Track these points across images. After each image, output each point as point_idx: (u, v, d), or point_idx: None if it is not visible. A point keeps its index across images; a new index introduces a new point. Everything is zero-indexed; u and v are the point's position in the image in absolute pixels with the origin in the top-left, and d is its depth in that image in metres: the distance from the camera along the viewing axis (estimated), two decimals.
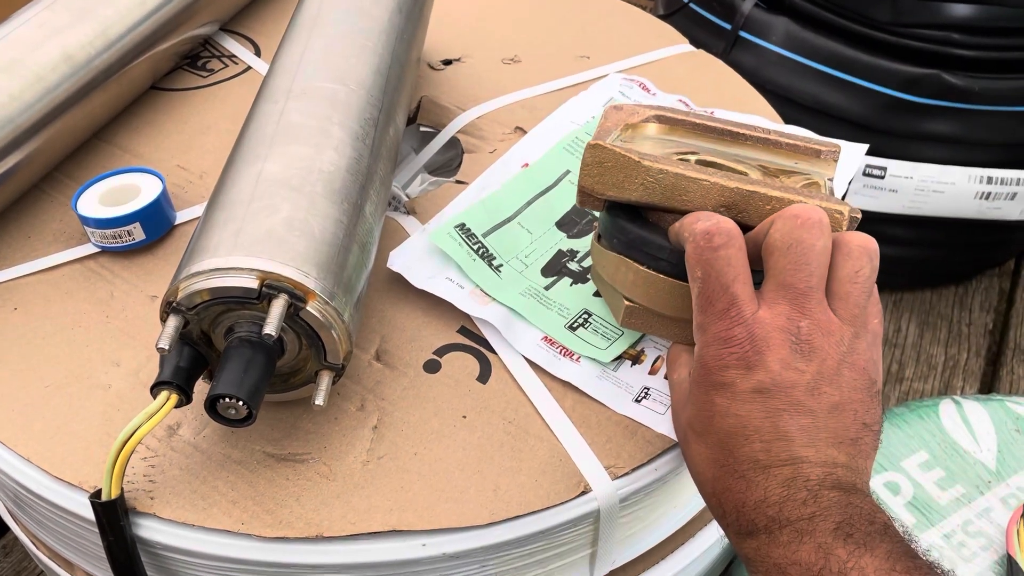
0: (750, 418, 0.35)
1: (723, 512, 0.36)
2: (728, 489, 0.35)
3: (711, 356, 0.36)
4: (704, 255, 0.36)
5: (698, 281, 0.36)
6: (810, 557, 0.31)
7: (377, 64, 0.53)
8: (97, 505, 0.39)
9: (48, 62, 0.53)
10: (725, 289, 0.35)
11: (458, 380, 0.46)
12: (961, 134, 0.90)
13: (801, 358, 0.35)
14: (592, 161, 0.41)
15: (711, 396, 0.36)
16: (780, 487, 0.33)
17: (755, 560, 0.34)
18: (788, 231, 0.35)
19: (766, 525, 0.33)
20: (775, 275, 0.36)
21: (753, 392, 0.35)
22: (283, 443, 0.43)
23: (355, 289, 0.42)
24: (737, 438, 0.35)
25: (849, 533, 0.31)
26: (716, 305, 0.35)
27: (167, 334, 0.38)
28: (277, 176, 0.43)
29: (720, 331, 0.35)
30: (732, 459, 0.35)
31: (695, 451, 0.37)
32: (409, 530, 0.40)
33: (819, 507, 0.32)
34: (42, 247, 0.53)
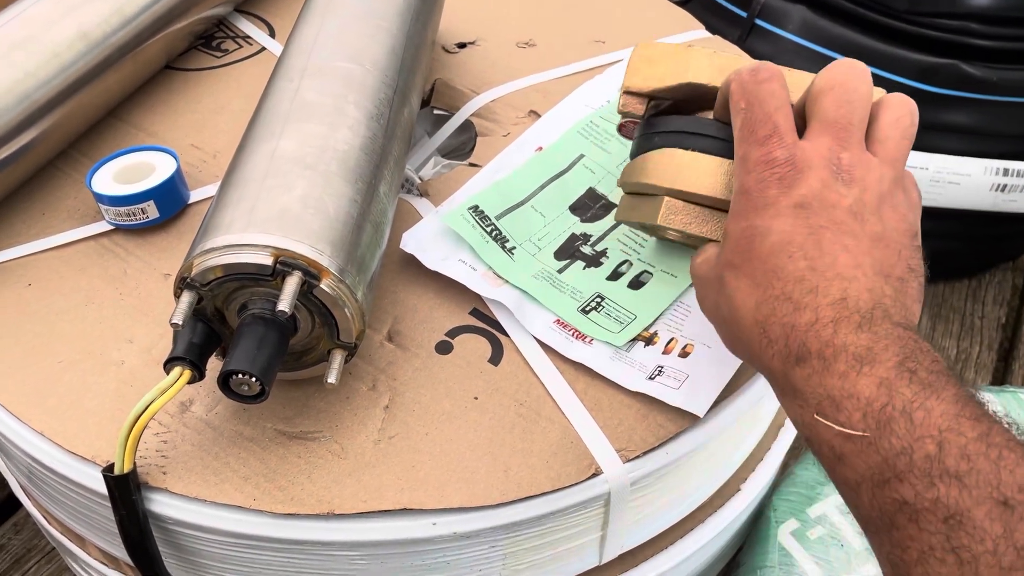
0: (793, 234, 0.33)
1: (769, 341, 0.33)
2: (774, 313, 0.33)
3: (752, 180, 0.35)
4: (748, 87, 0.37)
5: (741, 112, 0.37)
6: (871, 391, 0.29)
7: (392, 44, 0.52)
8: (110, 479, 0.39)
9: (64, 39, 0.53)
10: (768, 117, 0.36)
11: (470, 361, 0.46)
12: (978, 125, 0.89)
13: (842, 184, 0.34)
14: (639, 58, 0.43)
15: (751, 220, 0.35)
16: (831, 308, 0.31)
17: (805, 391, 0.31)
18: (831, 75, 0.36)
19: (819, 350, 0.31)
20: (818, 114, 0.36)
21: (795, 207, 0.34)
22: (295, 421, 0.43)
23: (368, 268, 0.42)
24: (781, 256, 0.33)
25: (913, 370, 0.29)
26: (758, 132, 0.36)
27: (181, 310, 0.38)
28: (292, 154, 0.43)
29: (761, 155, 0.35)
30: (777, 280, 0.33)
31: (733, 287, 0.35)
32: (420, 508, 0.40)
33: (876, 336, 0.30)
34: (56, 224, 0.53)
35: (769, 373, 0.34)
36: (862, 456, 0.29)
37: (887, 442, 0.28)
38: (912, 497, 0.27)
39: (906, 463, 0.28)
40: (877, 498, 0.29)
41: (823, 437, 0.30)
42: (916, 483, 0.27)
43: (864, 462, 0.29)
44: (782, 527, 0.59)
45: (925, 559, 0.27)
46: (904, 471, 0.28)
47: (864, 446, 0.29)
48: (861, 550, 0.56)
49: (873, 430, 0.29)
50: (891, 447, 0.28)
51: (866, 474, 0.29)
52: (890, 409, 0.29)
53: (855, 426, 0.29)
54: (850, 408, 0.29)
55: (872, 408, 0.29)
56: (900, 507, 0.28)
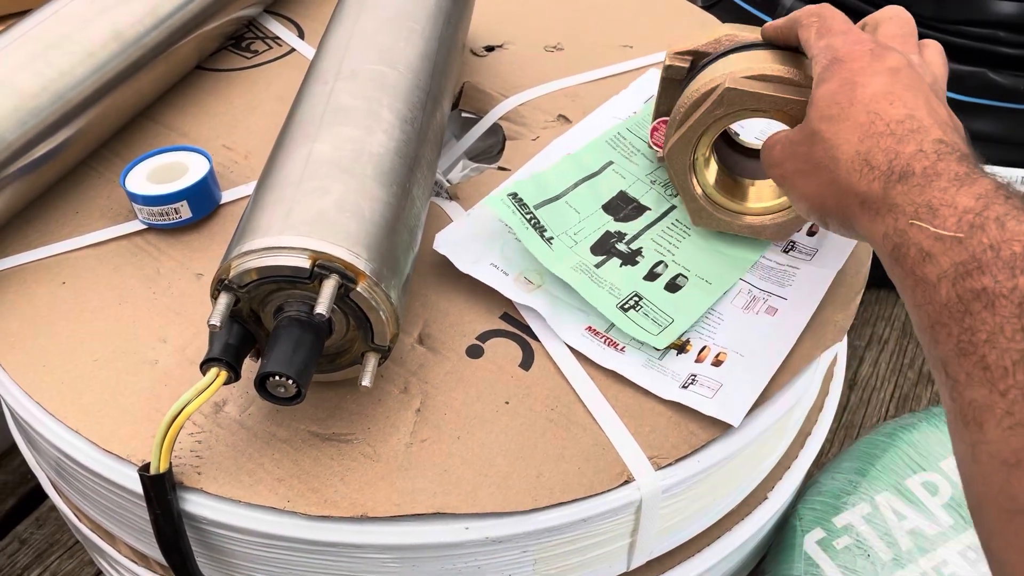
0: (893, 86, 0.37)
1: (871, 167, 0.35)
2: (878, 144, 0.35)
3: (845, 51, 0.39)
4: (815, 9, 0.42)
5: (815, 22, 0.42)
6: (968, 202, 0.31)
7: (425, 48, 0.52)
8: (146, 478, 0.39)
9: (99, 39, 0.54)
10: (842, 19, 0.41)
11: (501, 366, 0.46)
12: (1005, 133, 0.88)
13: (919, 69, 0.39)
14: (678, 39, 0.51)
15: (850, 75, 0.38)
16: (933, 144, 0.34)
17: (902, 204, 0.33)
18: (888, 10, 0.42)
19: (923, 169, 0.33)
20: (882, 33, 0.41)
21: (889, 70, 0.38)
22: (328, 423, 0.43)
23: (402, 272, 0.42)
24: (882, 102, 0.37)
25: (1009, 195, 0.31)
26: (836, 27, 0.41)
27: (218, 311, 0.38)
28: (327, 157, 0.43)
29: (849, 37, 0.40)
30: (880, 120, 0.36)
31: (831, 133, 0.37)
32: (453, 513, 0.40)
33: (973, 168, 0.33)
34: (90, 223, 0.53)
35: (865, 198, 0.35)
36: (950, 253, 0.31)
37: (977, 240, 0.30)
38: (992, 285, 0.29)
39: (992, 257, 0.30)
40: (956, 288, 0.30)
41: (913, 240, 0.32)
42: (998, 274, 0.29)
43: (950, 258, 0.31)
44: (808, 536, 0.59)
45: (994, 338, 0.29)
46: (988, 263, 0.30)
47: (954, 244, 0.31)
48: (888, 561, 0.56)
49: (966, 231, 0.31)
50: (980, 244, 0.30)
51: (949, 269, 0.31)
52: (985, 215, 0.31)
53: (948, 228, 0.31)
54: (946, 214, 0.32)
55: (968, 215, 0.31)
56: (978, 295, 0.29)
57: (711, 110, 0.46)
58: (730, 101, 0.45)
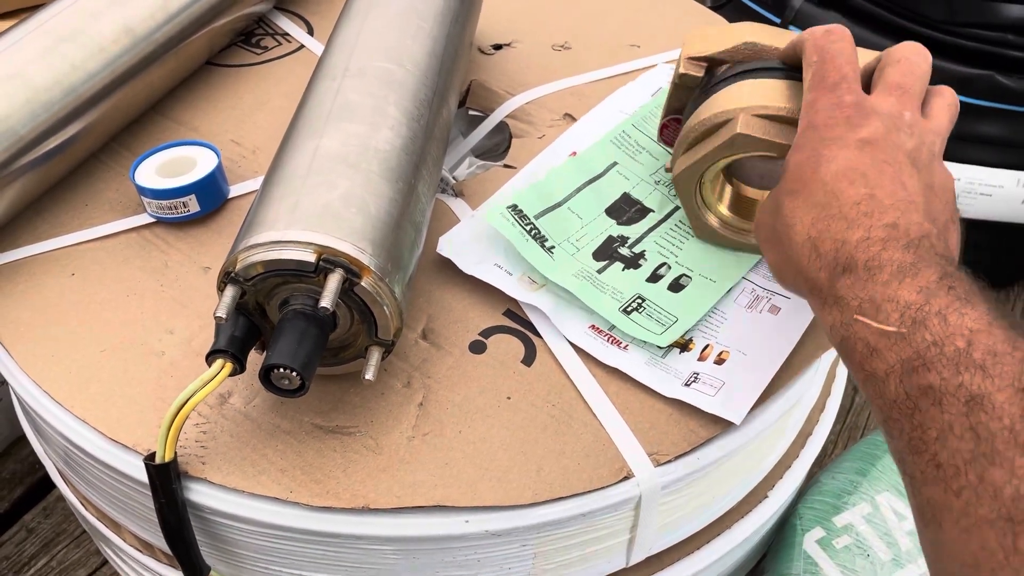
0: (859, 163, 0.36)
1: (818, 255, 0.35)
2: (828, 230, 0.35)
3: (820, 119, 0.38)
4: (821, 43, 0.40)
5: (813, 65, 0.40)
6: (910, 296, 0.31)
7: (432, 46, 0.53)
8: (151, 468, 0.40)
9: (110, 33, 0.54)
10: (838, 68, 0.39)
11: (503, 362, 0.46)
12: (1012, 137, 0.88)
13: (904, 134, 0.37)
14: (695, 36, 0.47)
15: (818, 149, 0.37)
16: (882, 230, 0.34)
17: (847, 297, 0.33)
18: (901, 51, 0.40)
19: (866, 261, 0.33)
20: (884, 80, 0.39)
21: (861, 142, 0.37)
22: (331, 415, 0.44)
23: (407, 267, 0.43)
24: (843, 181, 0.36)
25: (951, 286, 0.31)
26: (828, 79, 0.39)
27: (224, 303, 0.39)
28: (334, 152, 0.44)
29: (831, 98, 0.38)
30: (836, 201, 0.35)
31: (791, 209, 0.37)
32: (453, 506, 0.40)
33: (920, 256, 0.32)
34: (99, 215, 0.54)
35: (813, 286, 0.35)
36: (895, 349, 0.31)
37: (920, 336, 0.30)
38: (938, 383, 0.29)
39: (936, 353, 0.30)
40: (904, 384, 0.30)
41: (859, 335, 0.32)
42: (943, 371, 0.29)
43: (896, 354, 0.31)
44: (808, 535, 0.59)
45: (944, 436, 0.28)
46: (933, 360, 0.29)
47: (898, 340, 0.31)
48: (887, 561, 0.56)
49: (908, 327, 0.31)
50: (923, 340, 0.30)
51: (896, 365, 0.31)
52: (927, 310, 0.31)
53: (891, 324, 0.31)
54: (889, 310, 0.32)
55: (910, 310, 0.31)
56: (925, 392, 0.29)
57: (721, 149, 0.44)
58: (741, 145, 0.43)
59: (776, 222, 0.38)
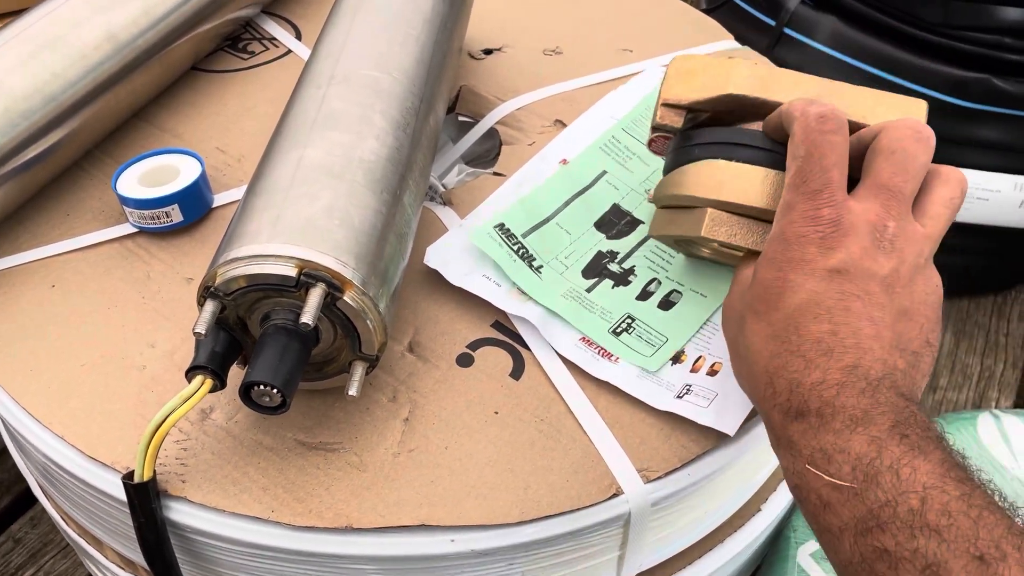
0: (824, 296, 0.34)
1: (774, 392, 0.34)
2: (785, 367, 0.34)
3: (793, 232, 0.35)
4: (812, 135, 0.36)
5: (799, 160, 0.36)
6: (861, 447, 0.30)
7: (420, 53, 0.52)
8: (129, 487, 0.39)
9: (92, 40, 0.53)
10: (824, 171, 0.35)
11: (491, 375, 0.46)
12: (1009, 141, 0.87)
13: (882, 253, 0.35)
14: (677, 70, 0.42)
15: (785, 272, 0.35)
16: (840, 373, 0.32)
17: (799, 444, 0.32)
18: (896, 138, 0.36)
19: (819, 408, 0.32)
20: (873, 175, 0.36)
21: (830, 271, 0.34)
22: (315, 431, 0.43)
23: (391, 280, 0.42)
24: (806, 315, 0.34)
25: (904, 434, 0.30)
26: (810, 184, 0.36)
27: (204, 319, 0.38)
28: (318, 163, 0.43)
29: (808, 209, 0.35)
30: (796, 336, 0.34)
31: (752, 331, 0.36)
32: (438, 525, 0.39)
33: (876, 402, 0.31)
34: (81, 225, 0.53)
35: (768, 420, 0.35)
36: (847, 505, 0.30)
37: (873, 494, 0.29)
38: (893, 547, 0.28)
39: (890, 514, 0.29)
40: (859, 545, 0.30)
41: (811, 486, 0.32)
42: (898, 534, 0.28)
43: (849, 511, 0.30)
44: (801, 548, 0.58)
45: None
46: (887, 521, 0.29)
47: (850, 496, 0.30)
48: None
49: (860, 482, 0.30)
50: (876, 498, 0.29)
51: (850, 522, 0.30)
52: (879, 463, 0.30)
53: (844, 477, 0.30)
54: (840, 461, 0.31)
55: (862, 462, 0.30)
56: (880, 555, 0.29)
57: (688, 237, 0.43)
58: (705, 243, 0.42)
59: (738, 335, 0.37)
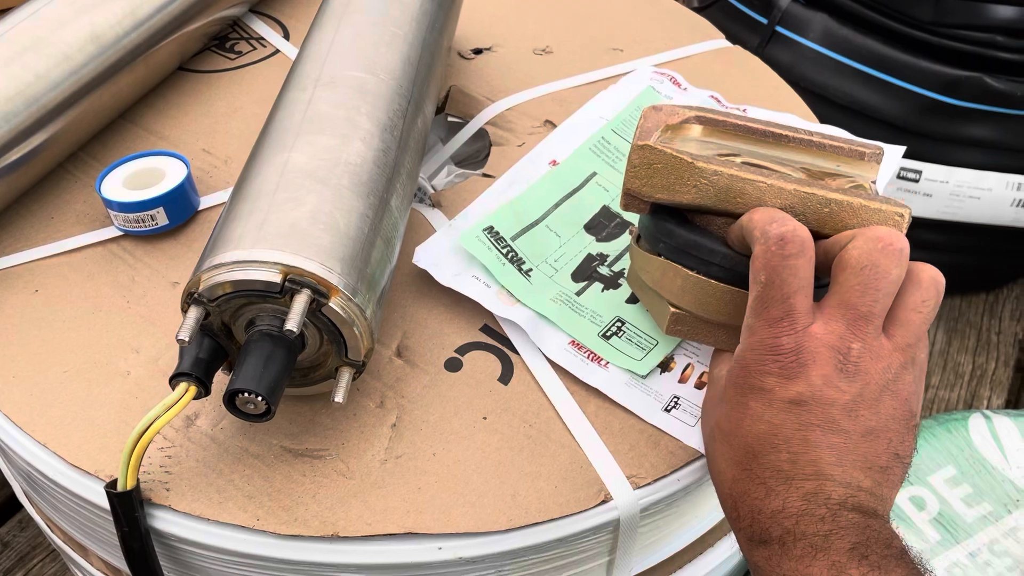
0: (782, 427, 0.34)
1: (738, 516, 0.35)
2: (746, 493, 0.35)
3: (753, 360, 0.35)
4: (773, 260, 0.34)
5: (759, 285, 0.35)
6: (821, 573, 0.31)
7: (407, 53, 0.52)
8: (112, 496, 0.38)
9: (75, 41, 0.53)
10: (785, 299, 0.34)
11: (479, 380, 0.45)
12: (1000, 139, 0.87)
13: (845, 378, 0.34)
14: (640, 163, 0.39)
15: (746, 398, 0.35)
16: (800, 500, 0.33)
17: (765, 569, 0.34)
18: (867, 252, 0.34)
19: (780, 536, 0.33)
20: (840, 292, 0.35)
21: (789, 403, 0.34)
22: (301, 438, 0.42)
23: (378, 285, 0.41)
24: (765, 445, 0.35)
25: (864, 555, 0.31)
26: (771, 312, 0.35)
27: (187, 325, 0.38)
28: (303, 167, 0.42)
29: (768, 337, 0.35)
30: (756, 464, 0.35)
31: (719, 451, 0.37)
32: (426, 533, 0.39)
33: (836, 526, 0.32)
34: (65, 228, 0.52)
35: (736, 538, 0.36)
36: None
37: None
38: None
39: None
40: None
41: None
42: None
43: None
44: None
45: None
46: None
47: None
48: None
49: None
50: None
51: None
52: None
53: None
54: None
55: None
56: None
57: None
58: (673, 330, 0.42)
59: (710, 445, 0.38)
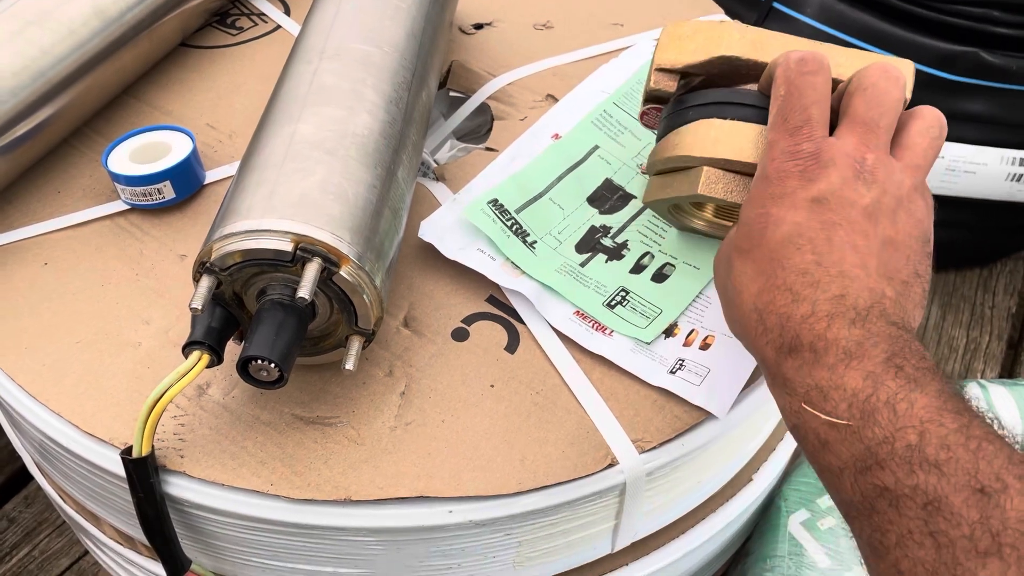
0: (806, 226, 0.34)
1: (764, 328, 0.34)
2: (773, 302, 0.33)
3: (774, 168, 0.36)
4: (791, 75, 0.37)
5: (780, 99, 0.37)
6: (857, 383, 0.30)
7: (411, 26, 0.52)
8: (128, 462, 0.39)
9: (79, 16, 0.53)
10: (804, 108, 0.36)
11: (486, 349, 0.46)
12: (996, 114, 0.88)
13: (862, 183, 0.35)
14: (670, 36, 0.43)
15: (767, 207, 0.35)
16: (829, 303, 0.32)
17: (794, 381, 0.32)
18: (869, 74, 0.37)
19: (811, 342, 0.32)
20: (850, 112, 0.37)
21: (812, 201, 0.35)
22: (312, 406, 0.43)
23: (387, 255, 0.42)
24: (789, 247, 0.34)
25: (900, 366, 0.30)
26: (790, 121, 0.37)
27: (200, 294, 0.38)
28: (310, 138, 0.43)
29: (788, 145, 0.36)
30: (781, 270, 0.34)
31: (739, 271, 0.36)
32: (436, 496, 0.40)
33: (868, 332, 0.31)
34: (72, 203, 0.53)
35: (762, 360, 0.34)
36: (846, 444, 0.30)
37: (870, 431, 0.29)
38: (893, 484, 0.28)
39: (888, 451, 0.28)
40: (859, 484, 0.29)
41: (809, 425, 0.31)
42: (897, 470, 0.28)
43: (847, 449, 0.30)
44: (792, 517, 0.59)
45: (904, 542, 0.28)
46: (886, 459, 0.28)
47: (848, 434, 0.30)
48: None
49: (857, 419, 0.30)
50: (874, 436, 0.29)
51: (849, 461, 0.30)
52: (875, 400, 0.29)
53: (840, 415, 0.30)
54: (836, 398, 0.30)
55: (857, 399, 0.30)
56: (881, 493, 0.28)
57: (685, 195, 0.43)
58: (704, 198, 0.42)
59: (727, 279, 0.37)
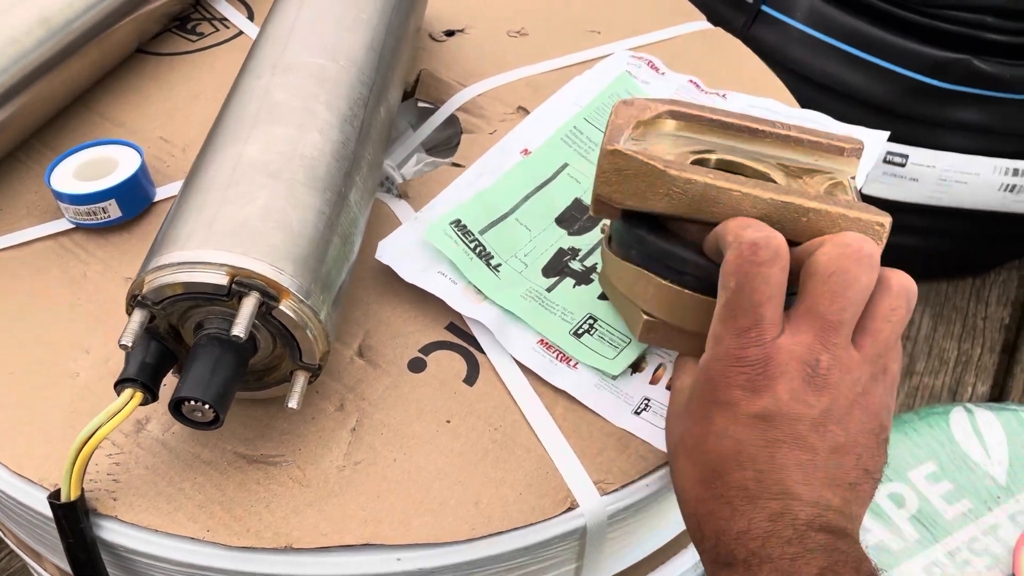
0: (747, 444, 0.33)
1: (702, 536, 0.34)
2: (711, 513, 0.33)
3: (719, 371, 0.34)
4: (744, 267, 0.33)
5: (728, 291, 0.34)
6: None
7: (371, 38, 0.49)
8: (56, 507, 0.37)
9: (22, 25, 0.50)
10: (754, 308, 0.33)
11: (444, 381, 0.44)
12: (988, 123, 0.86)
13: (813, 392, 0.33)
14: (610, 168, 0.37)
15: (711, 413, 0.34)
16: (766, 521, 0.32)
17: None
18: (835, 258, 0.33)
19: (745, 558, 0.31)
20: (808, 300, 0.33)
21: (755, 417, 0.33)
22: (256, 443, 0.41)
23: (334, 285, 0.40)
24: (730, 462, 0.33)
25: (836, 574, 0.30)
26: (739, 321, 0.33)
27: (131, 329, 0.36)
28: (256, 160, 0.40)
29: (735, 348, 0.33)
30: (721, 483, 0.33)
31: (682, 467, 0.35)
32: (384, 544, 0.37)
33: (803, 548, 0.31)
34: (14, 220, 0.50)
35: (701, 561, 0.35)
36: None
37: None
38: None
39: None
40: None
41: None
42: None
43: None
44: None
45: None
46: None
47: None
48: None
49: None
50: None
51: None
52: None
53: None
54: None
55: None
56: None
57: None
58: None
59: (672, 463, 0.37)
